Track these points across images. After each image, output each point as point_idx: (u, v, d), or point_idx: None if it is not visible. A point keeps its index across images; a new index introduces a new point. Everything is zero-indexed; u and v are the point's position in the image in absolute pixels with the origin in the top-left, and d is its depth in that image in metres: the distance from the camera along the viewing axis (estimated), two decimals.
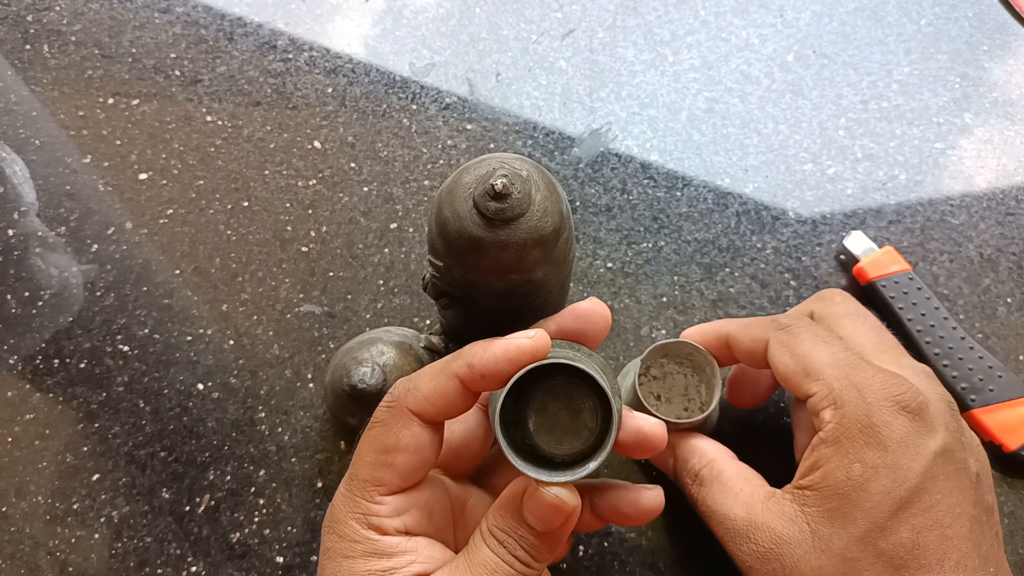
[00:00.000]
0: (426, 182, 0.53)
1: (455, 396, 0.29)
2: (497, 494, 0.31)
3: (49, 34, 0.58)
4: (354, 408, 0.38)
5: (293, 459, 0.43)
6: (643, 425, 0.32)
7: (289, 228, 0.51)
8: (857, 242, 0.49)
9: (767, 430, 0.44)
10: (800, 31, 0.60)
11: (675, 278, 0.49)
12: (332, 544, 0.30)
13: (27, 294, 0.48)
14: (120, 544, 0.41)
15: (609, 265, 0.50)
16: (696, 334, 0.40)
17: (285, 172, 0.53)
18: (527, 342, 0.29)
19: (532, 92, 0.57)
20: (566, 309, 0.34)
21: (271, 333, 0.47)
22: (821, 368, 0.33)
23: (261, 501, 0.42)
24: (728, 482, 0.35)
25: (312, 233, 0.50)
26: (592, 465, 0.28)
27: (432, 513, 0.31)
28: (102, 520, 0.42)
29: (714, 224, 0.51)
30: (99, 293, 0.48)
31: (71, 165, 0.53)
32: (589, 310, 0.33)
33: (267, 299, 0.48)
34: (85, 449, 0.44)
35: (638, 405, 0.40)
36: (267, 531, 0.41)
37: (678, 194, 0.52)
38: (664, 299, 0.48)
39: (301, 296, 0.48)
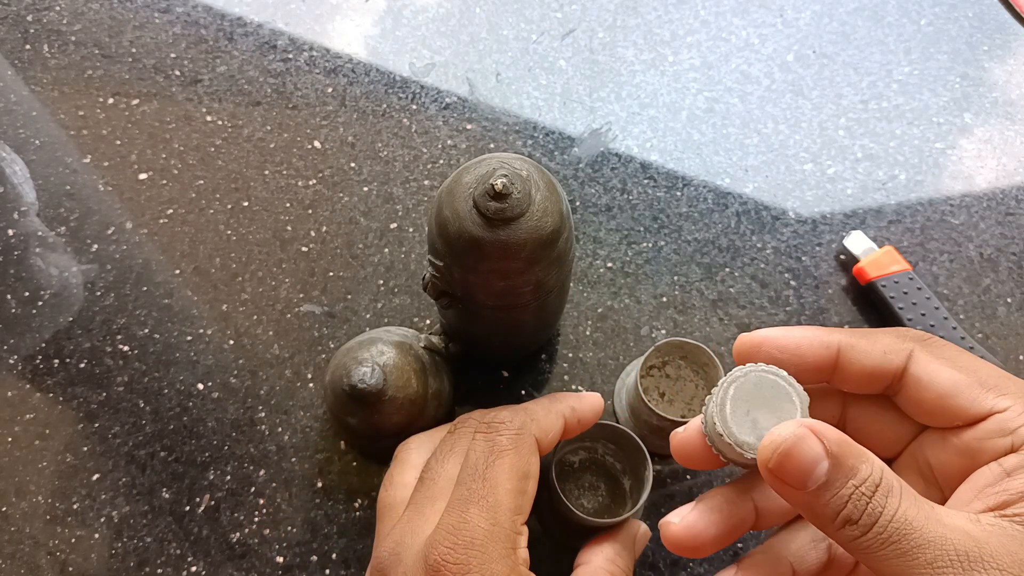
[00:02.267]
0: (426, 182, 0.53)
1: (557, 435, 0.32)
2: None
3: (49, 34, 0.58)
4: (354, 408, 0.38)
5: (293, 459, 0.43)
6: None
7: (289, 228, 0.51)
8: (857, 242, 0.49)
9: None
10: (800, 31, 0.60)
11: (675, 278, 0.49)
12: None
13: (27, 294, 0.48)
14: (120, 544, 0.41)
15: (609, 265, 0.50)
16: (785, 340, 0.29)
17: (285, 172, 0.53)
18: (602, 400, 0.36)
19: (532, 92, 0.57)
20: (585, 399, 0.36)
21: (271, 333, 0.47)
22: (1000, 382, 0.27)
23: (261, 501, 0.42)
24: (917, 499, 0.25)
25: (312, 233, 0.50)
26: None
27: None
28: (102, 520, 0.42)
29: (714, 224, 0.51)
30: (99, 293, 0.48)
31: (71, 165, 0.53)
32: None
33: (267, 299, 0.48)
34: (85, 449, 0.44)
35: (637, 399, 0.40)
36: (267, 531, 0.41)
37: (678, 194, 0.52)
38: (664, 299, 0.48)
39: (301, 296, 0.48)
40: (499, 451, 0.29)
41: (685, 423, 0.39)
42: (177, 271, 0.49)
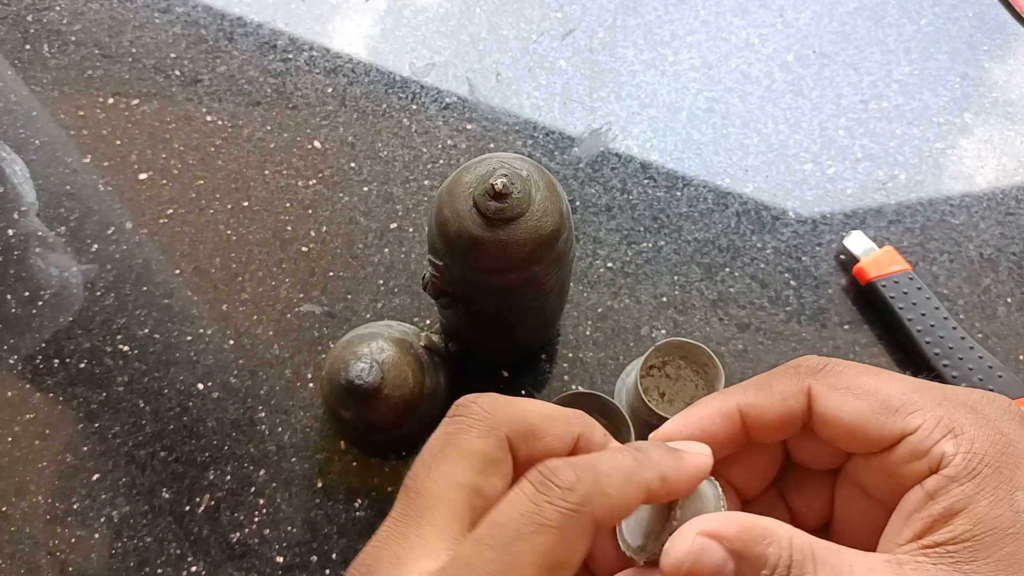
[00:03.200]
0: (426, 182, 0.53)
1: (629, 511, 0.25)
2: None
3: (49, 34, 0.58)
4: (349, 402, 0.38)
5: (293, 459, 0.43)
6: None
7: (289, 228, 0.51)
8: (857, 242, 0.49)
9: None
10: (800, 31, 0.60)
11: (675, 278, 0.49)
12: None
13: (27, 294, 0.48)
14: (120, 544, 0.41)
15: (609, 265, 0.50)
16: (688, 430, 0.28)
17: (285, 172, 0.53)
18: (708, 460, 0.26)
19: (532, 92, 0.57)
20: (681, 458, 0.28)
21: (271, 333, 0.47)
22: (907, 399, 0.26)
23: (261, 501, 0.42)
24: (835, 566, 0.25)
25: (312, 233, 0.50)
26: None
27: None
28: (102, 520, 0.42)
29: (714, 224, 0.51)
30: (99, 293, 0.48)
31: (71, 165, 0.53)
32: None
33: (267, 299, 0.48)
34: (85, 449, 0.44)
35: (637, 399, 0.40)
36: (267, 531, 0.41)
37: (678, 194, 0.52)
38: (664, 299, 0.48)
39: (301, 296, 0.48)
40: (538, 524, 0.23)
41: None
42: (177, 271, 0.49)
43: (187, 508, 0.42)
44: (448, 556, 0.23)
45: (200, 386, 0.45)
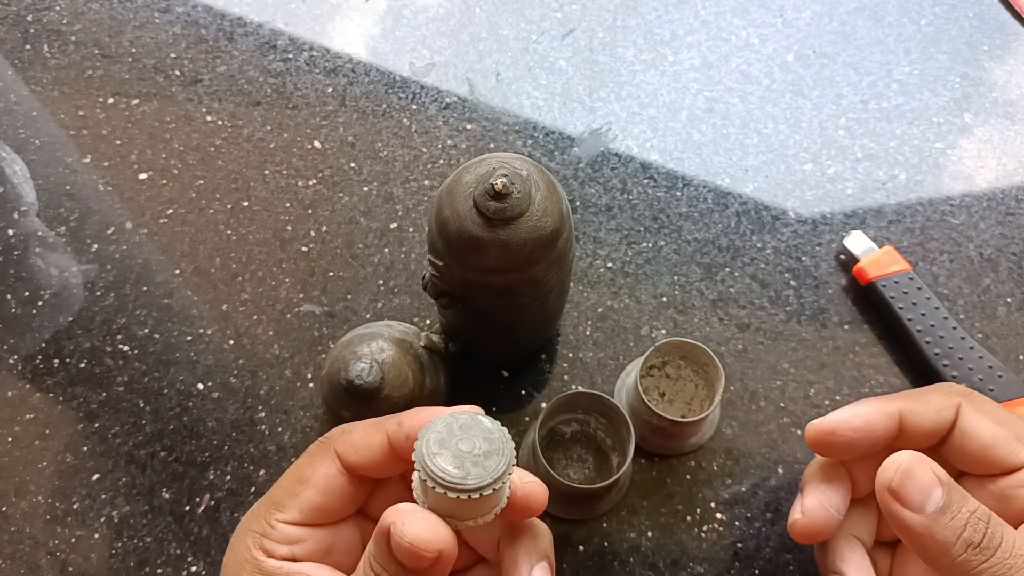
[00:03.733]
0: (426, 182, 0.53)
1: (379, 451, 0.30)
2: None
3: (49, 34, 0.58)
4: (348, 402, 0.38)
5: (293, 459, 0.43)
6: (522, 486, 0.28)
7: (289, 228, 0.51)
8: (857, 242, 0.49)
9: (768, 428, 0.44)
10: (800, 31, 0.60)
11: (675, 278, 0.49)
12: (227, 559, 0.30)
13: (27, 294, 0.48)
14: (120, 544, 0.41)
15: (609, 265, 0.50)
16: (856, 420, 0.31)
17: (285, 172, 0.53)
18: (442, 409, 0.31)
19: (532, 92, 0.57)
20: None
21: (271, 333, 0.47)
22: None
23: None
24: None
25: (312, 233, 0.50)
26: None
27: (331, 550, 0.31)
28: (102, 520, 0.42)
29: (714, 224, 0.51)
30: (99, 293, 0.48)
31: (71, 165, 0.53)
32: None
33: (267, 299, 0.48)
34: (85, 449, 0.44)
35: (637, 399, 0.40)
36: None
37: (678, 194, 0.52)
38: (664, 299, 0.48)
39: (301, 296, 0.48)
40: (303, 454, 0.32)
41: (685, 423, 0.39)
42: (177, 271, 0.49)
43: (187, 508, 0.42)
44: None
45: (200, 386, 0.45)
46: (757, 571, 0.40)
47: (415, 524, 0.25)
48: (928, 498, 0.26)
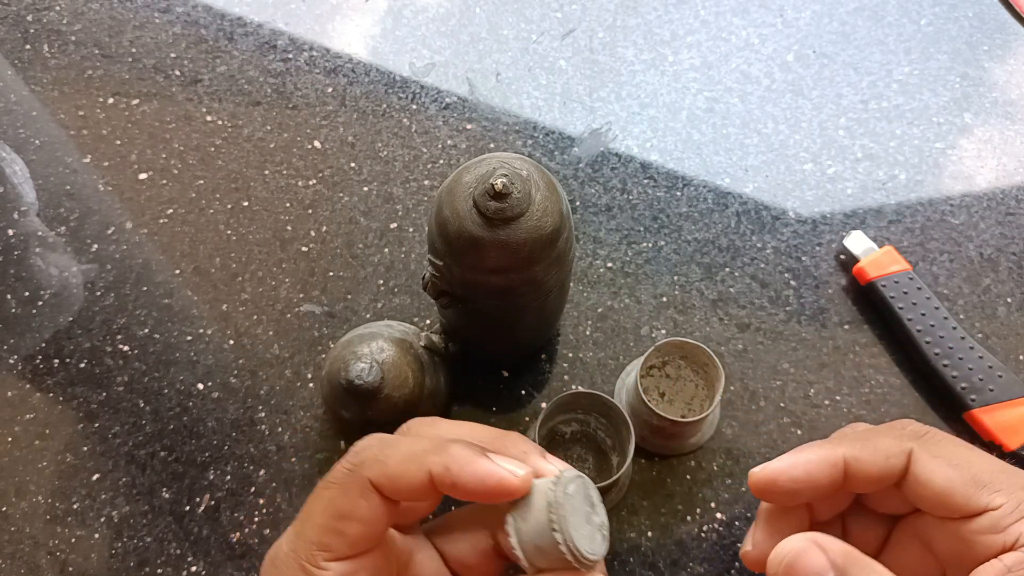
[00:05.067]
0: (426, 182, 0.53)
1: (419, 488, 0.27)
2: (449, 556, 0.30)
3: (49, 34, 0.58)
4: (348, 402, 0.38)
5: (293, 459, 0.43)
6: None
7: (289, 228, 0.51)
8: (857, 242, 0.49)
9: (768, 428, 0.44)
10: (800, 31, 0.60)
11: (675, 278, 0.49)
12: None
13: (27, 294, 0.48)
14: (120, 544, 0.41)
15: (609, 265, 0.50)
16: (795, 470, 0.30)
17: (285, 172, 0.53)
18: (515, 480, 0.26)
19: (532, 92, 0.57)
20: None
21: (271, 333, 0.47)
22: (995, 478, 0.28)
23: (261, 501, 0.42)
24: None
25: (312, 233, 0.50)
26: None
27: (379, 570, 0.29)
28: (102, 520, 0.42)
29: (714, 224, 0.51)
30: (99, 293, 0.48)
31: (71, 165, 0.53)
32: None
33: (267, 299, 0.48)
34: (85, 449, 0.44)
35: (637, 399, 0.40)
36: (267, 531, 0.41)
37: (678, 194, 0.52)
38: (664, 299, 0.48)
39: (301, 296, 0.48)
40: (327, 482, 0.28)
41: (685, 423, 0.39)
42: (177, 271, 0.49)
43: (187, 508, 0.42)
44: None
45: (200, 386, 0.45)
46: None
47: None
48: None
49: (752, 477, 0.31)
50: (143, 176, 0.53)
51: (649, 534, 0.41)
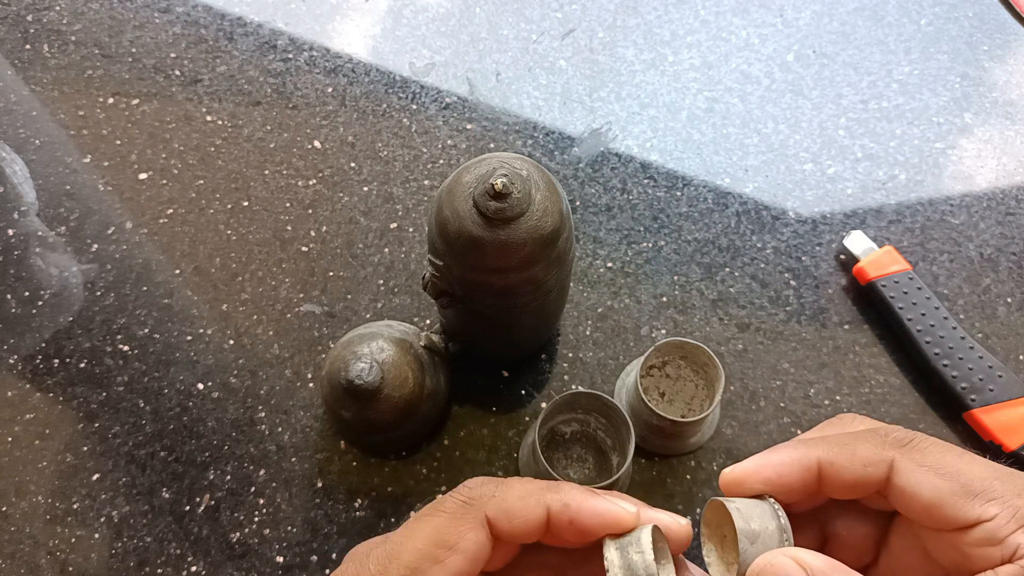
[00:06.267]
0: (426, 182, 0.53)
1: (535, 526, 0.27)
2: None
3: (49, 34, 0.58)
4: (348, 402, 0.38)
5: (293, 459, 0.43)
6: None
7: (289, 228, 0.51)
8: (857, 242, 0.49)
9: (768, 428, 0.44)
10: (800, 31, 0.60)
11: (675, 278, 0.49)
12: None
13: (27, 294, 0.48)
14: (120, 544, 0.41)
15: (609, 265, 0.50)
16: (766, 471, 0.29)
17: (285, 172, 0.53)
18: (629, 516, 0.26)
19: (532, 92, 0.57)
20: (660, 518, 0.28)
21: (271, 333, 0.47)
22: (988, 486, 0.26)
23: (261, 501, 0.42)
24: None
25: (312, 233, 0.50)
26: None
27: None
28: (102, 520, 0.42)
29: (714, 224, 0.51)
30: (99, 293, 0.48)
31: (71, 165, 0.53)
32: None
33: (267, 299, 0.48)
34: (85, 449, 0.44)
35: (637, 399, 0.40)
36: (267, 531, 0.41)
37: (678, 194, 0.52)
38: (664, 299, 0.48)
39: (301, 296, 0.48)
40: (435, 510, 0.27)
41: (685, 423, 0.39)
42: (177, 271, 0.49)
43: (187, 508, 0.42)
44: None
45: (200, 386, 0.45)
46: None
47: None
48: None
49: (722, 478, 0.30)
50: (143, 176, 0.53)
51: None
